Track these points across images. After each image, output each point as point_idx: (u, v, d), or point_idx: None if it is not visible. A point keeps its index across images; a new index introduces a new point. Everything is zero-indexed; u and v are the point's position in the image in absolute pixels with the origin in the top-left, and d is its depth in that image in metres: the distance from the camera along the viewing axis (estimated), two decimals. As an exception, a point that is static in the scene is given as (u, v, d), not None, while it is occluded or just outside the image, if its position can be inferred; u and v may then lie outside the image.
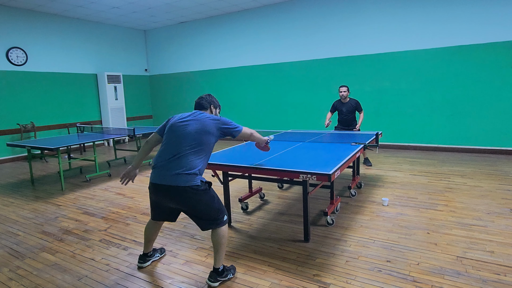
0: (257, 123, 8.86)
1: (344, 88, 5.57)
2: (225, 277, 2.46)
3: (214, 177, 3.42)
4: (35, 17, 7.91)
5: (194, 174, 2.33)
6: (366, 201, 4.06)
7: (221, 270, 2.44)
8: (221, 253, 2.43)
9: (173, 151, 2.36)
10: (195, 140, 2.37)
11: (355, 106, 5.62)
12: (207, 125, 2.42)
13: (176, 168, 2.31)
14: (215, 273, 2.42)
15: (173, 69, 10.37)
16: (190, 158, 2.34)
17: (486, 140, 6.45)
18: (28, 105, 7.92)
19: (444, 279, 2.39)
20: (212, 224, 2.40)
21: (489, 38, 6.18)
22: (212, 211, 2.39)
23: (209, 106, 2.62)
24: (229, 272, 2.50)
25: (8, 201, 4.63)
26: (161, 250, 2.91)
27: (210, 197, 2.39)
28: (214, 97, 2.69)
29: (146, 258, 2.75)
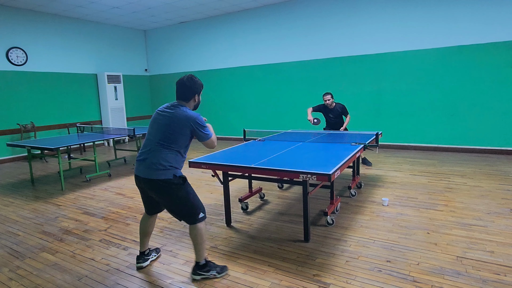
0: (257, 123, 8.86)
1: (328, 96, 5.58)
2: (206, 271, 2.49)
3: (214, 177, 3.42)
4: (35, 17, 7.91)
5: (166, 168, 2.34)
6: (366, 201, 4.06)
7: (202, 264, 2.49)
8: (199, 248, 2.47)
9: (149, 143, 2.43)
10: (168, 135, 2.38)
11: (341, 111, 5.67)
12: (182, 122, 2.37)
13: (150, 161, 2.36)
14: (196, 267, 2.50)
15: (173, 69, 10.37)
16: (163, 152, 2.37)
17: (486, 140, 6.45)
18: (28, 105, 7.92)
19: (444, 279, 2.39)
20: (187, 220, 2.43)
21: (489, 38, 6.17)
22: (187, 207, 2.41)
23: (192, 96, 2.52)
24: (213, 269, 2.51)
25: (8, 201, 4.63)
26: (156, 250, 2.92)
27: (184, 193, 2.40)
28: (196, 79, 2.53)
29: (145, 257, 2.75)
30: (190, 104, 2.54)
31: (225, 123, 9.56)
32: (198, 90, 2.54)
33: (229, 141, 9.25)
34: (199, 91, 2.55)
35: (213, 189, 4.86)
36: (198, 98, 2.57)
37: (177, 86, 2.52)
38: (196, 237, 2.44)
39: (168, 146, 2.38)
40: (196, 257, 2.50)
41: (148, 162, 2.36)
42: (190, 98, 2.52)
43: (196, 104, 2.58)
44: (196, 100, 2.56)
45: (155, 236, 3.30)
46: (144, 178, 2.37)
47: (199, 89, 2.54)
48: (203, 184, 5.11)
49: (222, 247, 3.02)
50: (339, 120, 5.74)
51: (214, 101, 9.70)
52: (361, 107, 7.46)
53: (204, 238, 2.47)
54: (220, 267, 2.57)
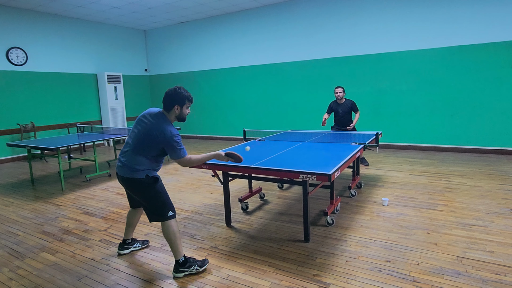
0: (257, 123, 8.86)
1: (340, 89, 5.59)
2: (188, 267, 2.55)
3: (214, 177, 3.42)
4: (35, 17, 7.91)
5: (139, 170, 2.49)
6: (366, 201, 4.06)
7: (181, 262, 2.54)
8: (174, 245, 2.54)
9: (128, 146, 2.56)
10: (143, 143, 2.48)
11: (351, 107, 5.65)
12: (156, 137, 2.43)
13: (127, 163, 2.51)
14: (176, 265, 2.55)
15: (173, 69, 10.37)
16: (138, 157, 2.49)
17: (486, 140, 6.45)
18: (28, 105, 7.91)
19: (444, 279, 2.39)
20: (157, 217, 2.54)
21: (489, 38, 6.17)
22: (156, 204, 2.53)
23: (172, 107, 2.50)
24: (194, 264, 2.58)
25: (8, 201, 4.63)
26: (143, 242, 3.06)
27: (154, 191, 2.52)
28: (180, 91, 2.49)
29: (125, 246, 2.95)
30: (171, 115, 2.53)
31: (225, 123, 9.57)
32: (180, 102, 2.49)
33: (229, 141, 9.25)
34: (182, 103, 2.50)
35: (213, 189, 4.86)
36: (179, 110, 2.51)
37: (164, 94, 2.54)
38: (169, 235, 2.53)
39: (142, 153, 2.49)
40: (174, 255, 2.57)
41: (125, 164, 2.52)
42: (170, 109, 2.51)
43: (178, 116, 2.54)
44: (177, 112, 2.52)
45: (155, 236, 3.30)
46: (121, 176, 2.55)
47: (181, 101, 2.49)
48: (203, 184, 5.11)
49: (222, 247, 3.02)
50: (348, 117, 5.70)
51: (214, 101, 9.70)
52: (361, 107, 7.43)
53: (176, 236, 2.54)
54: (201, 261, 2.64)
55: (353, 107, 5.65)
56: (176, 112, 2.53)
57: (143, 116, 2.58)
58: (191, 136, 10.32)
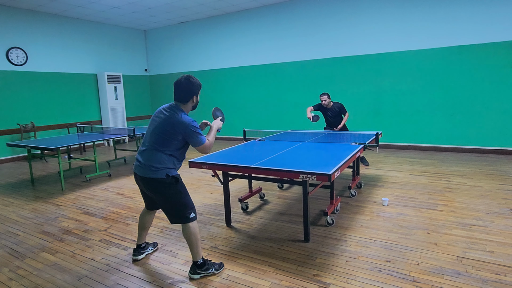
0: (257, 123, 8.86)
1: (325, 97, 5.59)
2: (205, 270, 2.52)
3: (214, 177, 3.42)
4: (35, 17, 7.91)
5: (159, 169, 2.41)
6: (366, 201, 4.06)
7: (200, 264, 2.52)
8: (195, 247, 2.50)
9: (145, 143, 2.50)
10: (161, 139, 2.42)
11: (339, 111, 5.70)
12: (174, 127, 2.40)
13: (146, 162, 2.44)
14: (194, 266, 2.52)
15: (173, 69, 10.37)
16: (157, 155, 2.42)
17: (486, 140, 6.45)
18: (28, 105, 7.92)
19: (444, 279, 2.39)
20: (179, 219, 2.48)
21: (489, 38, 6.17)
22: (178, 205, 2.46)
23: (190, 98, 2.49)
24: (211, 267, 2.55)
25: (8, 201, 4.63)
26: (154, 244, 3.01)
27: (176, 192, 2.46)
28: (193, 80, 2.49)
29: (140, 251, 2.86)
30: (187, 106, 2.53)
31: (225, 123, 9.56)
32: (196, 91, 2.51)
33: (229, 141, 9.25)
34: (197, 92, 2.52)
35: (213, 189, 4.86)
36: (196, 99, 2.54)
37: (174, 87, 2.51)
38: (190, 237, 2.48)
39: (161, 149, 2.43)
40: (193, 256, 2.53)
41: (144, 163, 2.44)
42: (188, 100, 2.50)
43: (194, 105, 2.57)
44: (194, 101, 2.54)
45: (155, 236, 3.30)
46: (140, 176, 2.47)
47: (197, 90, 2.52)
48: (203, 184, 5.11)
49: (222, 247, 3.02)
50: (338, 119, 5.75)
51: (214, 101, 9.70)
52: (361, 107, 7.46)
53: (197, 237, 2.50)
54: (218, 264, 2.61)
55: (341, 110, 5.70)
56: (194, 102, 2.53)
57: (158, 112, 2.53)
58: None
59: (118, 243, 3.18)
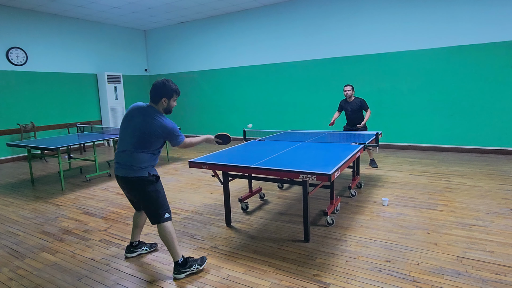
0: (257, 123, 8.85)
1: (349, 87, 5.56)
2: (188, 268, 2.54)
3: (214, 177, 3.42)
4: (35, 17, 7.91)
5: (142, 168, 2.48)
6: (366, 201, 4.06)
7: (181, 262, 2.54)
8: (172, 247, 2.53)
9: (124, 145, 2.53)
10: (143, 140, 2.46)
11: (360, 105, 5.59)
12: (157, 131, 2.45)
13: (128, 163, 2.49)
14: (177, 266, 2.54)
15: (173, 69, 10.37)
16: (139, 155, 2.48)
17: (486, 140, 6.45)
18: (28, 105, 7.91)
19: (444, 279, 2.39)
20: (155, 219, 2.53)
21: (489, 38, 6.17)
22: (154, 204, 2.52)
23: (160, 99, 2.52)
24: (194, 263, 2.58)
25: (8, 201, 4.63)
26: (152, 245, 3.02)
27: (154, 190, 2.51)
28: (168, 84, 2.52)
29: (132, 249, 2.90)
30: (159, 107, 2.55)
31: (225, 123, 9.56)
32: (168, 95, 2.53)
33: (229, 141, 9.23)
34: (169, 95, 2.53)
35: (213, 189, 4.86)
36: (167, 102, 2.55)
37: (151, 88, 2.57)
38: (166, 237, 2.52)
39: (143, 150, 2.48)
40: (173, 257, 2.56)
41: (126, 164, 2.50)
42: (158, 101, 2.53)
43: (165, 108, 2.57)
44: (165, 104, 2.55)
45: (155, 236, 3.30)
46: (122, 176, 2.53)
47: (168, 93, 2.53)
48: (203, 184, 5.11)
49: (222, 247, 3.02)
50: (359, 114, 5.65)
51: (214, 101, 9.70)
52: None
53: (173, 237, 2.54)
54: (199, 259, 2.64)
55: (362, 105, 5.58)
56: (164, 104, 2.55)
57: (134, 112, 2.54)
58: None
59: (118, 243, 3.18)
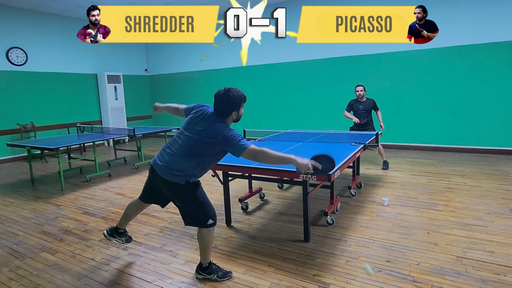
0: (257, 123, 8.85)
1: (361, 88, 5.54)
2: (207, 274, 2.50)
3: (214, 177, 3.43)
4: (35, 17, 7.91)
5: (181, 175, 2.32)
6: (366, 201, 4.06)
7: (204, 267, 2.51)
8: (204, 251, 2.48)
9: (175, 146, 2.38)
10: (196, 149, 2.31)
11: (372, 106, 5.55)
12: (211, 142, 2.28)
13: (170, 165, 2.33)
14: (199, 267, 2.53)
15: (173, 69, 10.37)
16: (185, 162, 2.32)
17: (486, 140, 6.45)
18: (28, 105, 7.91)
19: (444, 279, 2.39)
20: (196, 223, 2.44)
21: (489, 38, 6.17)
22: (197, 211, 2.39)
23: (229, 113, 2.35)
24: (214, 273, 2.50)
25: (8, 201, 4.63)
26: (128, 239, 2.90)
27: (195, 198, 2.37)
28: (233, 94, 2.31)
29: (114, 234, 2.82)
30: (228, 121, 2.39)
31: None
32: (237, 107, 2.36)
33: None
34: (238, 107, 2.37)
35: (213, 189, 4.86)
36: (236, 114, 2.40)
37: (214, 99, 2.37)
38: (204, 242, 2.44)
39: (191, 158, 2.32)
40: (201, 258, 2.51)
41: (167, 166, 2.33)
42: (227, 116, 2.36)
43: (236, 119, 2.43)
44: (235, 117, 2.40)
45: (155, 236, 3.30)
46: (161, 176, 2.36)
47: (237, 105, 2.36)
48: (203, 184, 5.10)
49: (222, 247, 3.02)
50: (369, 115, 5.60)
51: (214, 101, 9.69)
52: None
53: (210, 243, 2.47)
54: (223, 272, 2.53)
55: (374, 106, 5.56)
56: (233, 117, 2.39)
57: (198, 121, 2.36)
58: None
59: (118, 243, 3.18)
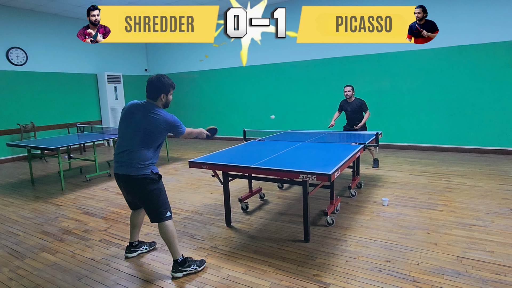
0: (258, 123, 8.85)
1: (348, 88, 5.56)
2: (187, 267, 2.55)
3: (214, 177, 3.42)
4: (35, 17, 7.91)
5: (145, 166, 2.48)
6: (366, 201, 4.06)
7: (180, 261, 2.55)
8: (173, 245, 2.54)
9: (126, 144, 2.52)
10: (147, 137, 2.48)
11: (360, 106, 5.55)
12: (161, 126, 2.49)
13: (130, 161, 2.48)
14: (176, 264, 2.55)
15: (173, 69, 10.37)
16: (142, 152, 2.48)
17: (486, 140, 6.45)
18: (28, 105, 7.91)
19: (444, 279, 2.39)
20: (156, 218, 2.53)
21: (489, 38, 6.17)
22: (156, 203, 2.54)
23: (159, 96, 2.56)
24: (193, 263, 2.58)
25: (8, 201, 4.63)
26: (150, 244, 3.03)
27: (156, 189, 2.52)
28: (164, 79, 2.57)
29: (132, 249, 2.90)
30: (158, 103, 2.59)
31: (225, 123, 9.56)
32: (165, 90, 2.58)
33: (229, 141, 9.24)
34: (167, 91, 2.59)
35: (213, 189, 4.86)
36: (165, 97, 2.60)
37: (146, 85, 2.60)
38: (167, 235, 2.53)
39: (146, 146, 2.49)
40: (173, 255, 2.57)
41: (127, 162, 2.49)
42: (157, 98, 2.57)
43: (164, 103, 2.62)
44: (164, 100, 2.60)
45: (155, 236, 3.30)
46: (123, 174, 2.51)
47: (166, 89, 2.58)
48: (203, 184, 5.11)
49: (222, 247, 3.02)
50: (358, 115, 5.60)
51: (214, 101, 9.70)
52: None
53: (174, 235, 2.55)
54: (199, 261, 2.64)
55: (362, 106, 5.54)
56: (163, 100, 2.59)
57: (131, 111, 2.57)
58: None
59: (118, 243, 3.18)
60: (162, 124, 2.49)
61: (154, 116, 2.48)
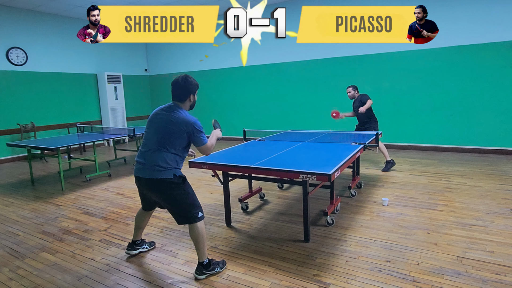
0: (257, 123, 8.85)
1: (349, 89, 5.59)
2: (211, 270, 2.53)
3: (214, 177, 3.42)
4: (35, 17, 7.91)
5: (166, 169, 2.43)
6: (366, 201, 4.06)
7: (206, 264, 2.53)
8: (201, 247, 2.51)
9: (147, 144, 2.49)
10: (166, 138, 2.43)
11: (361, 100, 5.46)
12: (179, 126, 2.43)
13: (150, 163, 2.43)
14: (200, 267, 2.53)
15: (173, 69, 10.37)
16: (162, 154, 2.44)
17: (486, 140, 6.45)
18: (28, 105, 7.91)
19: (444, 279, 2.39)
20: (186, 220, 2.48)
21: (489, 38, 6.17)
22: (185, 206, 2.47)
23: (187, 97, 2.54)
24: (217, 266, 2.57)
25: (8, 201, 4.63)
26: (150, 243, 3.04)
27: (183, 192, 2.47)
28: (190, 79, 2.55)
29: (134, 246, 2.91)
30: (185, 105, 2.58)
31: (225, 123, 9.55)
32: (193, 90, 2.57)
33: (229, 141, 9.24)
34: (194, 91, 2.58)
35: (213, 189, 4.86)
36: (193, 98, 2.60)
37: (172, 87, 2.56)
38: (198, 237, 2.48)
39: (166, 149, 2.44)
40: (199, 257, 2.53)
41: (148, 164, 2.44)
42: (185, 99, 2.55)
43: (191, 104, 2.61)
44: (192, 100, 2.59)
45: (155, 236, 3.30)
46: (145, 178, 2.46)
47: (194, 89, 2.57)
48: (203, 184, 5.11)
49: (222, 247, 3.02)
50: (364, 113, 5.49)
51: (214, 101, 9.70)
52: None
53: (204, 237, 2.51)
54: (221, 262, 2.64)
55: (362, 99, 5.44)
56: (191, 100, 2.58)
57: (157, 112, 2.54)
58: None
59: (118, 243, 3.18)
60: (182, 124, 2.42)
61: (176, 115, 2.45)
